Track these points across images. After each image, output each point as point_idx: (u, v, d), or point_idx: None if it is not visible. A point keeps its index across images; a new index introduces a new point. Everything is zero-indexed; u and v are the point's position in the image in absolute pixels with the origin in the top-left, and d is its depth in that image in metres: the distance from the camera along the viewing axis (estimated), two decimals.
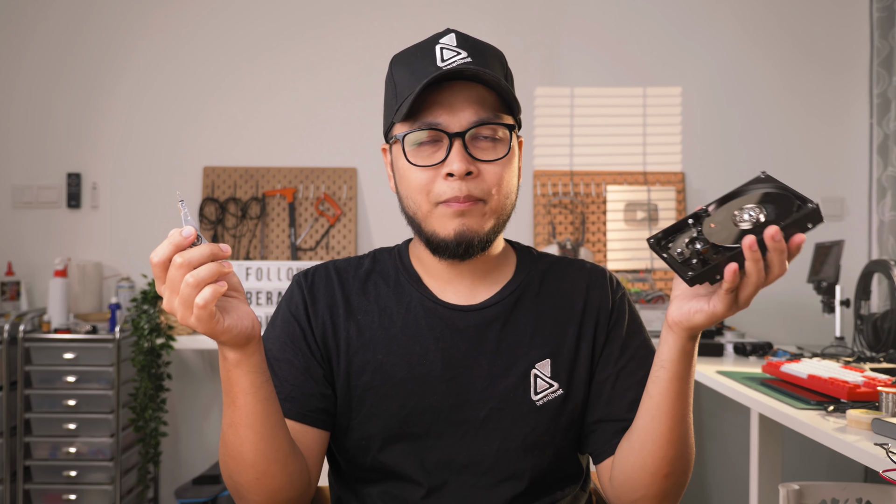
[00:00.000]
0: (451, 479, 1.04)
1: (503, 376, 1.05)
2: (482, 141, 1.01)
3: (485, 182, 1.01)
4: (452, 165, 0.99)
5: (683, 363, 0.94)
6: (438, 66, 1.01)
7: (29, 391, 2.73)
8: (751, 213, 0.86)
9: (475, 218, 1.01)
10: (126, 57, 3.26)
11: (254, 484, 0.96)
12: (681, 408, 0.97)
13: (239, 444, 0.94)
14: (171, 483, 3.16)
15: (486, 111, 1.01)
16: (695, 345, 0.94)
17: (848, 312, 2.65)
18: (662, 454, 0.98)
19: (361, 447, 1.06)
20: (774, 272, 0.83)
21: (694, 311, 0.89)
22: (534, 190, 3.24)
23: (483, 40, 1.07)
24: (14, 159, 3.24)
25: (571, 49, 3.28)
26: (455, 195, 1.00)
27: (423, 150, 1.01)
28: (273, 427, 0.94)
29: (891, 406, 1.52)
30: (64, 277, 2.91)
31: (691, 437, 1.01)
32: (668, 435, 0.97)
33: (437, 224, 1.02)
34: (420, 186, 1.02)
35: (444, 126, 1.00)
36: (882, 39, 3.13)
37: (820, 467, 3.13)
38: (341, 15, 3.29)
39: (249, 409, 0.92)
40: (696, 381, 2.41)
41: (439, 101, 1.00)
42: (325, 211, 3.22)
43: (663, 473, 0.99)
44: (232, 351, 0.89)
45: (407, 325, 1.07)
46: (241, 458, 0.95)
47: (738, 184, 0.92)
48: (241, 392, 0.91)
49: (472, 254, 1.03)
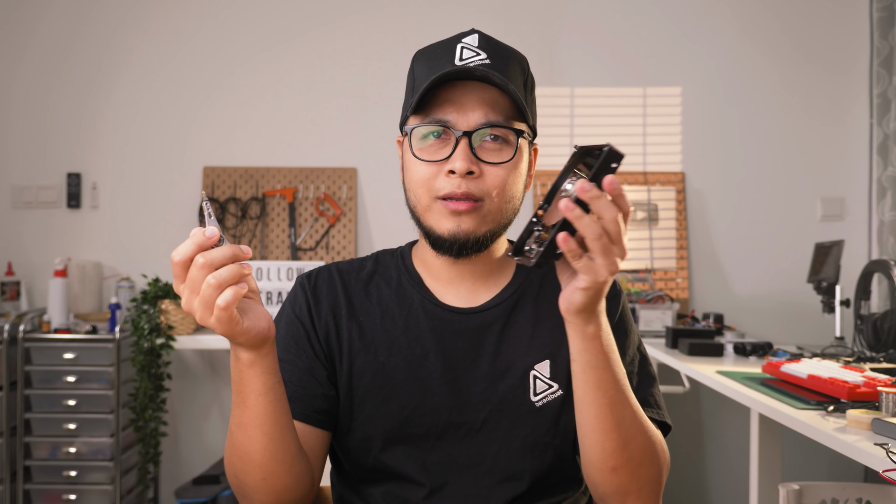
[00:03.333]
0: (452, 480, 1.05)
1: (502, 378, 1.06)
2: (489, 143, 1.02)
3: (485, 183, 1.01)
4: (455, 163, 0.99)
5: (591, 351, 0.93)
6: (456, 64, 1.02)
7: (29, 391, 2.73)
8: (568, 185, 0.89)
9: (471, 219, 1.01)
10: (126, 57, 3.26)
11: (260, 484, 0.96)
12: (603, 397, 0.94)
13: (247, 445, 0.94)
14: (171, 483, 3.16)
15: (497, 114, 1.01)
16: (598, 330, 0.92)
17: (848, 312, 2.65)
18: (600, 448, 0.96)
19: (363, 448, 1.06)
20: (606, 217, 0.83)
21: (570, 292, 0.89)
22: (534, 190, 3.24)
23: (507, 44, 1.07)
24: (14, 159, 3.24)
25: (571, 49, 3.28)
26: (453, 190, 1.00)
27: (431, 145, 1.02)
28: (282, 428, 0.94)
29: (891, 406, 1.52)
30: (64, 277, 2.91)
31: (639, 428, 0.97)
32: (598, 427, 0.95)
33: (433, 220, 1.03)
34: (422, 180, 1.02)
35: (453, 124, 1.01)
36: (882, 39, 3.13)
37: (820, 467, 3.13)
38: (341, 15, 3.29)
39: (260, 410, 0.92)
40: (697, 381, 2.40)
41: (451, 98, 1.01)
42: (325, 211, 3.22)
43: (608, 467, 0.97)
44: (247, 352, 0.89)
45: (408, 327, 1.08)
46: (249, 459, 0.95)
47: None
48: (253, 393, 0.91)
49: (466, 254, 1.04)
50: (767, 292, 3.24)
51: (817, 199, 3.27)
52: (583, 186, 0.82)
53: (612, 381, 0.94)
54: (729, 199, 3.26)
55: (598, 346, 0.93)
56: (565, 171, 0.90)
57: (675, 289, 3.20)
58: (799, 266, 3.13)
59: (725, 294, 3.25)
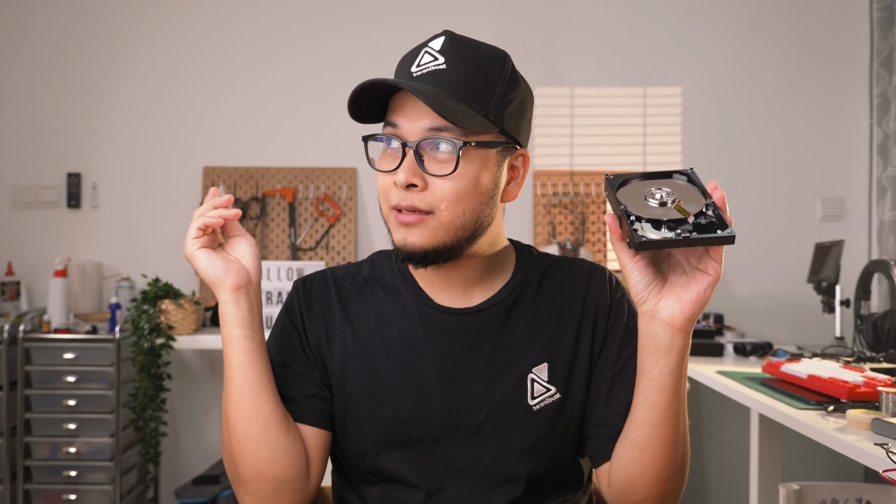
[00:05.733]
0: (450, 484, 1.04)
1: (499, 381, 1.04)
2: (440, 153, 0.98)
3: (432, 196, 0.98)
4: (398, 175, 0.98)
5: (684, 362, 0.94)
6: (412, 71, 1.00)
7: (29, 391, 2.73)
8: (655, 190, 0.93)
9: (419, 232, 0.99)
10: (126, 57, 3.26)
11: (236, 449, 1.00)
12: (679, 406, 0.96)
13: (226, 405, 1.01)
14: (171, 483, 3.15)
15: (445, 123, 0.96)
16: (689, 341, 0.94)
17: (848, 312, 2.65)
18: (664, 458, 0.97)
19: (359, 452, 1.06)
20: None
21: (694, 295, 0.89)
22: (534, 190, 3.24)
23: (484, 43, 1.03)
24: (14, 159, 3.24)
25: (571, 49, 3.28)
26: (398, 203, 0.99)
27: (386, 154, 1.02)
28: (252, 385, 1.00)
29: (891, 406, 1.52)
30: (64, 277, 2.91)
31: (687, 440, 1.01)
32: (672, 439, 0.96)
33: (392, 228, 1.02)
34: (381, 190, 1.02)
35: (401, 133, 0.99)
36: (882, 39, 3.13)
37: (820, 467, 3.13)
38: (341, 15, 3.29)
39: (232, 363, 1.00)
40: (697, 381, 2.41)
41: (401, 106, 1.00)
42: (325, 211, 3.22)
43: (664, 477, 0.98)
44: (224, 292, 0.99)
45: (402, 330, 1.07)
46: (227, 420, 1.01)
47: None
48: (226, 344, 1.00)
49: (428, 264, 1.01)
50: (767, 292, 3.24)
51: (817, 199, 3.27)
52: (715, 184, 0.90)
53: (684, 392, 0.96)
54: (729, 199, 3.23)
55: (684, 355, 0.93)
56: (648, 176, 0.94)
57: None
58: (799, 266, 3.13)
59: (725, 294, 3.24)
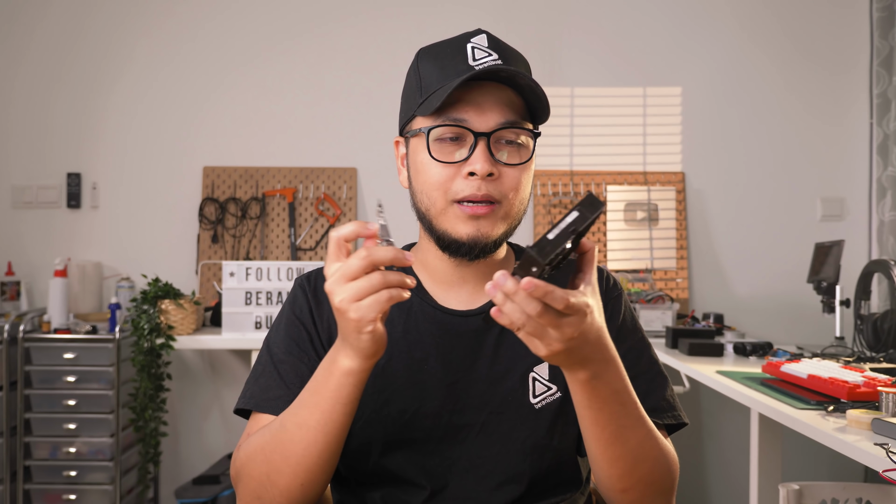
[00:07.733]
0: (453, 483, 1.04)
1: (502, 380, 1.05)
2: (505, 144, 1.01)
3: (503, 185, 1.00)
4: (475, 165, 0.98)
5: (583, 394, 0.89)
6: (470, 64, 1.00)
7: (29, 391, 2.72)
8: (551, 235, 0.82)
9: (489, 222, 1.00)
10: (125, 57, 3.26)
11: (295, 488, 0.95)
12: (602, 432, 0.92)
13: (302, 447, 0.93)
14: (171, 483, 3.15)
15: (514, 114, 1.00)
16: (589, 376, 0.87)
17: (848, 312, 2.65)
18: (608, 473, 0.96)
19: (362, 452, 1.06)
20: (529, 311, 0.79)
21: None
22: (534, 190, 3.24)
23: (511, 46, 1.06)
24: (14, 159, 3.24)
25: (571, 49, 3.28)
26: (472, 193, 0.99)
27: (445, 146, 1.01)
28: (341, 441, 0.95)
29: (891, 406, 1.52)
30: (64, 277, 2.91)
31: (649, 451, 0.96)
32: (603, 456, 0.95)
33: (448, 224, 1.01)
34: (438, 183, 1.00)
35: (470, 125, 0.99)
36: (882, 39, 3.13)
37: (820, 467, 3.13)
38: (341, 15, 3.28)
39: (334, 418, 0.92)
40: (697, 381, 2.41)
41: (467, 99, 0.99)
42: (325, 211, 3.22)
43: (619, 488, 0.97)
44: (355, 360, 0.89)
45: (407, 331, 1.07)
46: (297, 461, 0.94)
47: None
48: (334, 400, 0.91)
49: (482, 255, 1.03)
50: (767, 292, 3.24)
51: (817, 199, 3.27)
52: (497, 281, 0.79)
53: (613, 416, 0.91)
54: (729, 199, 3.26)
55: (588, 390, 0.88)
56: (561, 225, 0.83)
57: (675, 289, 3.20)
58: (799, 266, 3.13)
59: (725, 294, 3.25)
